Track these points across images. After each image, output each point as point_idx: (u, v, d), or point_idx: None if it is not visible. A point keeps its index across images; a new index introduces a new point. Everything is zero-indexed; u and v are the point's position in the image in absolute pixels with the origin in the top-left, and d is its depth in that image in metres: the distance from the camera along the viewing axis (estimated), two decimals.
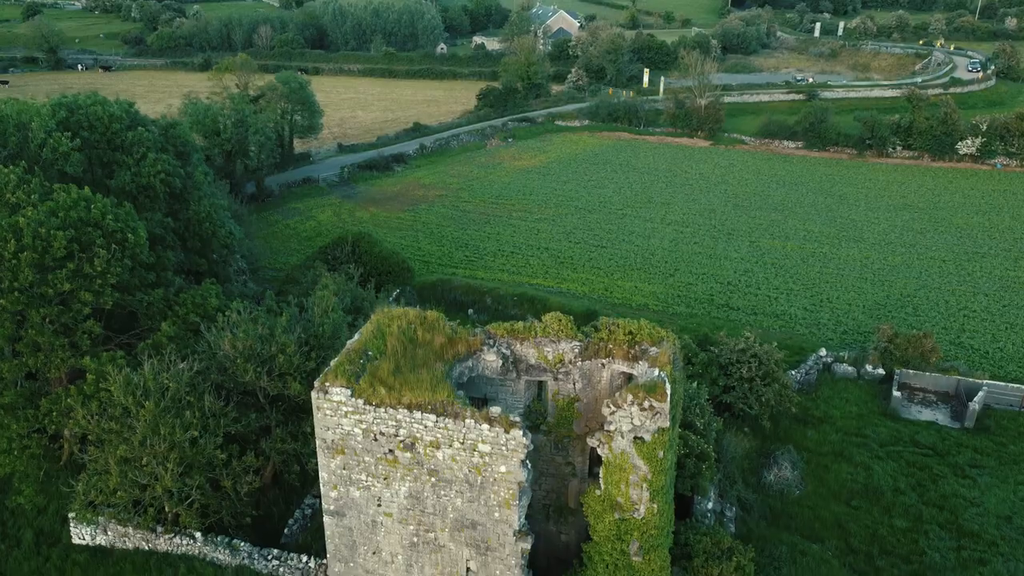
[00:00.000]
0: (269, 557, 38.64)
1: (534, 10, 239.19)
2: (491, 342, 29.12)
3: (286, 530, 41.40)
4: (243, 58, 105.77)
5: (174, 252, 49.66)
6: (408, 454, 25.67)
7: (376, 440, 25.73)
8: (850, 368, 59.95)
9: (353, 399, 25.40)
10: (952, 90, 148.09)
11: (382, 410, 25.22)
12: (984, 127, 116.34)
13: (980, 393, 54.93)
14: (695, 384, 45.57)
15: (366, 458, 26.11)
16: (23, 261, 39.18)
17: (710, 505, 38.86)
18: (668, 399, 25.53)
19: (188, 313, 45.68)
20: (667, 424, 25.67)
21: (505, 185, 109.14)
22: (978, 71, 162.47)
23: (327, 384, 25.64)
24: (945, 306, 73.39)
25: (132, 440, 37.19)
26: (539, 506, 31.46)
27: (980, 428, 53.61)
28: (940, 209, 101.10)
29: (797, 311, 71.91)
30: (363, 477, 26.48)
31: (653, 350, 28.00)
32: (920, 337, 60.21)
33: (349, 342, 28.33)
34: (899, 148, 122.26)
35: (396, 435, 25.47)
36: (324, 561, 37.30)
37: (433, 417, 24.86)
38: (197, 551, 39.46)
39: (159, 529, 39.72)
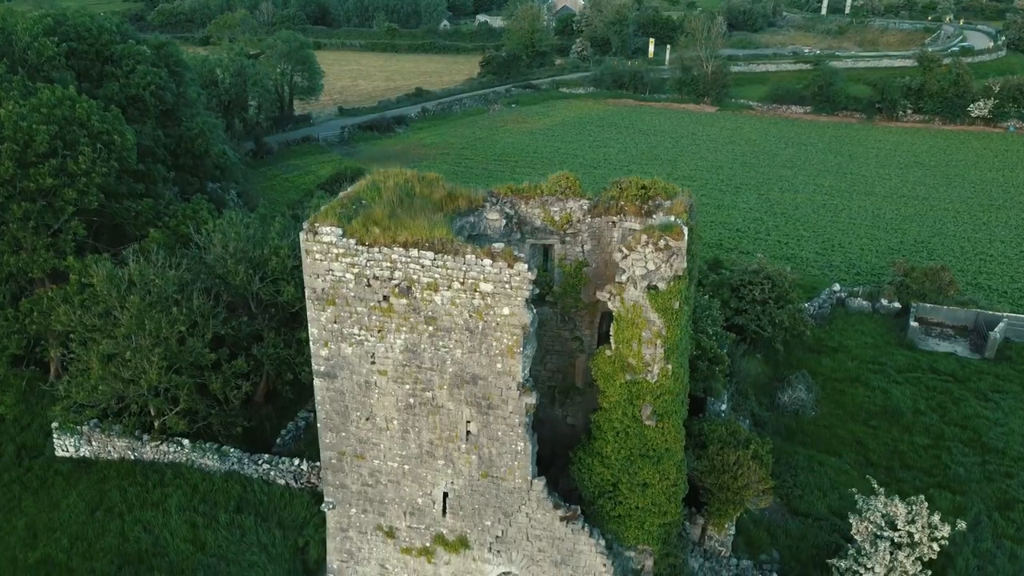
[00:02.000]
0: (260, 462, 36.88)
1: None
2: (494, 199, 27.24)
3: (278, 439, 39.62)
4: (243, 14, 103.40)
5: (165, 167, 47.83)
6: (404, 300, 23.73)
7: (369, 286, 23.79)
8: (865, 302, 57.94)
9: (345, 239, 23.44)
10: (963, 60, 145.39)
11: (376, 250, 23.25)
12: (997, 89, 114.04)
13: (1001, 324, 52.89)
14: (707, 297, 43.65)
15: (359, 308, 24.17)
16: (3, 153, 37.41)
17: (723, 407, 36.96)
18: (685, 239, 23.60)
19: (179, 224, 43.93)
20: (684, 265, 23.74)
21: (509, 144, 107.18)
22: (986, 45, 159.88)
23: (317, 224, 23.72)
24: (961, 251, 71.38)
25: (116, 334, 35.35)
26: (544, 388, 29.57)
27: (1001, 359, 51.60)
28: (952, 167, 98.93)
29: (808, 254, 69.96)
30: (356, 331, 24.54)
31: (667, 203, 26.08)
32: (937, 270, 58.22)
33: (342, 193, 26.43)
34: (909, 111, 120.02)
35: (391, 278, 23.53)
36: (317, 463, 35.54)
37: (431, 255, 22.90)
38: (184, 458, 37.69)
39: (145, 437, 37.94)
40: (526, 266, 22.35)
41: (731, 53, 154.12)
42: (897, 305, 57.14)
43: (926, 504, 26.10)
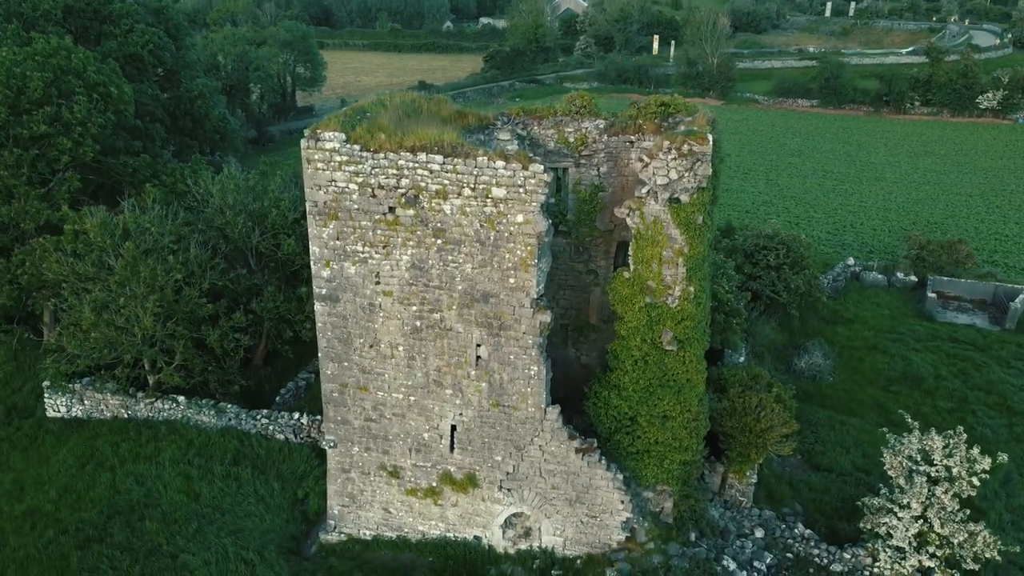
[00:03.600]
0: (258, 417, 35.40)
1: None
2: (505, 119, 25.91)
3: (277, 398, 38.22)
4: (246, 2, 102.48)
5: (163, 127, 46.55)
6: (411, 211, 22.33)
7: (374, 196, 22.39)
8: (880, 276, 56.49)
9: (348, 146, 22.06)
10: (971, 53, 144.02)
11: (381, 155, 21.87)
12: (1006, 80, 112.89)
13: (1022, 296, 51.38)
14: (720, 256, 42.25)
15: (363, 222, 22.76)
16: None
17: (741, 359, 35.48)
18: (710, 144, 22.23)
19: (176, 182, 42.60)
20: (709, 172, 22.36)
21: None
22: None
23: (319, 131, 22.37)
24: (975, 231, 69.91)
25: (109, 281, 33.98)
26: (557, 326, 28.09)
27: (1022, 329, 50.08)
28: (963, 155, 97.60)
29: (820, 234, 68.53)
30: (359, 247, 23.12)
31: (688, 119, 24.73)
32: (954, 243, 56.85)
33: (345, 108, 25.10)
34: (917, 104, 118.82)
35: (397, 187, 22.13)
36: (317, 417, 34.12)
37: (440, 159, 21.53)
38: (180, 415, 36.19)
39: (139, 395, 36.49)
40: (542, 167, 20.98)
41: (736, 52, 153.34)
42: (913, 278, 55.68)
43: (964, 435, 24.57)
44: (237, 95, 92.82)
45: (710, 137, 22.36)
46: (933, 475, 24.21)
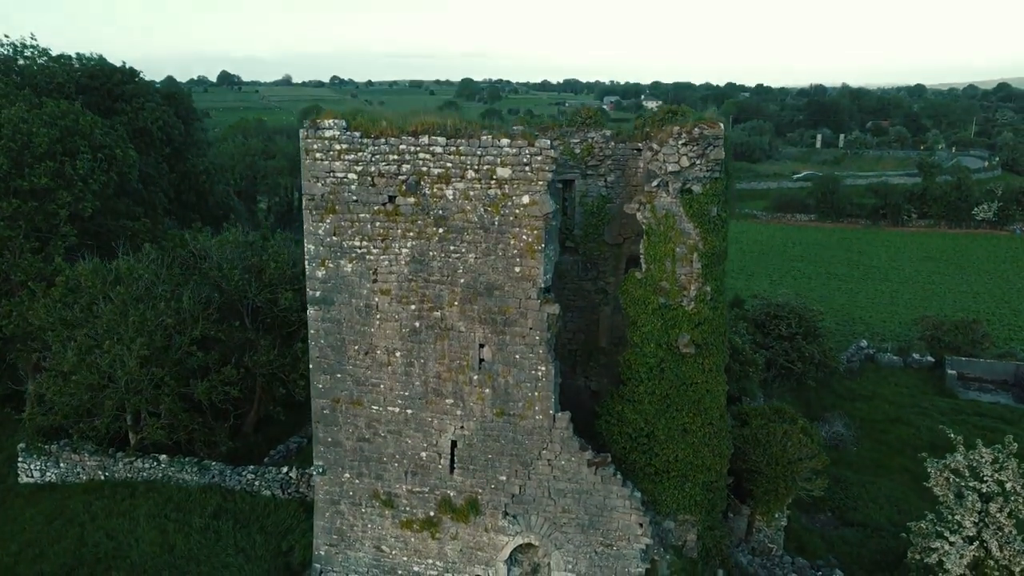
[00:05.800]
0: (243, 473, 32.97)
1: None
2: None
3: (266, 459, 35.81)
4: (258, 120, 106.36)
5: (166, 198, 46.48)
6: (411, 199, 21.33)
7: (374, 185, 21.48)
8: (895, 357, 54.85)
9: (349, 133, 21.42)
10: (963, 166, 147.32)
11: (382, 141, 21.14)
12: (1000, 192, 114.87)
13: None
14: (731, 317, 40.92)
15: (361, 214, 21.72)
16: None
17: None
18: (721, 127, 21.54)
19: (175, 247, 41.97)
20: (722, 156, 21.51)
21: None
22: None
23: (319, 120, 21.79)
24: (987, 322, 68.36)
25: (96, 325, 32.57)
26: (564, 352, 26.50)
27: None
28: (965, 260, 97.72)
29: (830, 325, 66.86)
30: (357, 242, 21.95)
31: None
32: (969, 323, 55.47)
33: None
34: (914, 217, 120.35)
35: (398, 173, 21.24)
36: (307, 470, 31.78)
37: (443, 140, 20.77)
38: (161, 475, 33.74)
39: (119, 454, 34.23)
40: (548, 143, 20.20)
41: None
42: (930, 359, 53.96)
43: (1015, 446, 22.36)
44: (244, 203, 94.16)
45: (720, 124, 21.72)
46: (985, 491, 21.88)
